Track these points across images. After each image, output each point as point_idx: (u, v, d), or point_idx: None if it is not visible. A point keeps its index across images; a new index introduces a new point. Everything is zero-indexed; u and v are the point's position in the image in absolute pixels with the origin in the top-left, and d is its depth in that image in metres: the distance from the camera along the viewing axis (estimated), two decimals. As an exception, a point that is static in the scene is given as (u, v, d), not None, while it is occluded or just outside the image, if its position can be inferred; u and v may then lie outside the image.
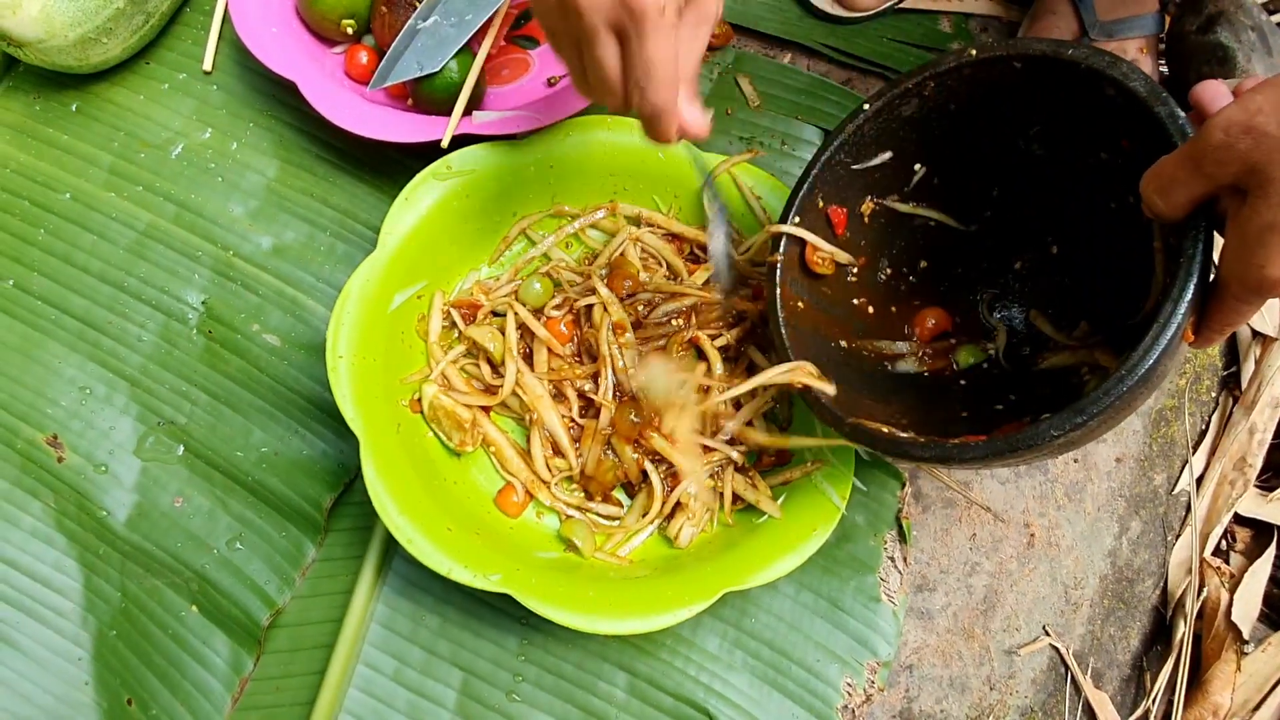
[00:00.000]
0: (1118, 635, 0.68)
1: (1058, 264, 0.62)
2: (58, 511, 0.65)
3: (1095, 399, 0.43)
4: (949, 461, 0.48)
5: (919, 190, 0.63)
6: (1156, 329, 0.43)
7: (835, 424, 0.54)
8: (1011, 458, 0.46)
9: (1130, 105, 0.48)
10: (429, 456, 0.63)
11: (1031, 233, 0.62)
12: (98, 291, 0.69)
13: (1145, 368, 0.43)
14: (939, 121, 0.58)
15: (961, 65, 0.54)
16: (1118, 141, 0.52)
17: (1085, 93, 0.51)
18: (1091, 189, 0.57)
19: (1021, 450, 0.45)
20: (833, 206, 0.61)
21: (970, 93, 0.56)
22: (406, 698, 0.62)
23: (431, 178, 0.64)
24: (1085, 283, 0.60)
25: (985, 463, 0.47)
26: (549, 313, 0.66)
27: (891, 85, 0.57)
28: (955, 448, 0.48)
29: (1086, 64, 0.49)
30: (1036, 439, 0.44)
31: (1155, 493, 0.71)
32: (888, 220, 0.63)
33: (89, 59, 0.69)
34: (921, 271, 0.65)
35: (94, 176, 0.71)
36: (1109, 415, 0.44)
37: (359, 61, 0.72)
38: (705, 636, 0.63)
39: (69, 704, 0.63)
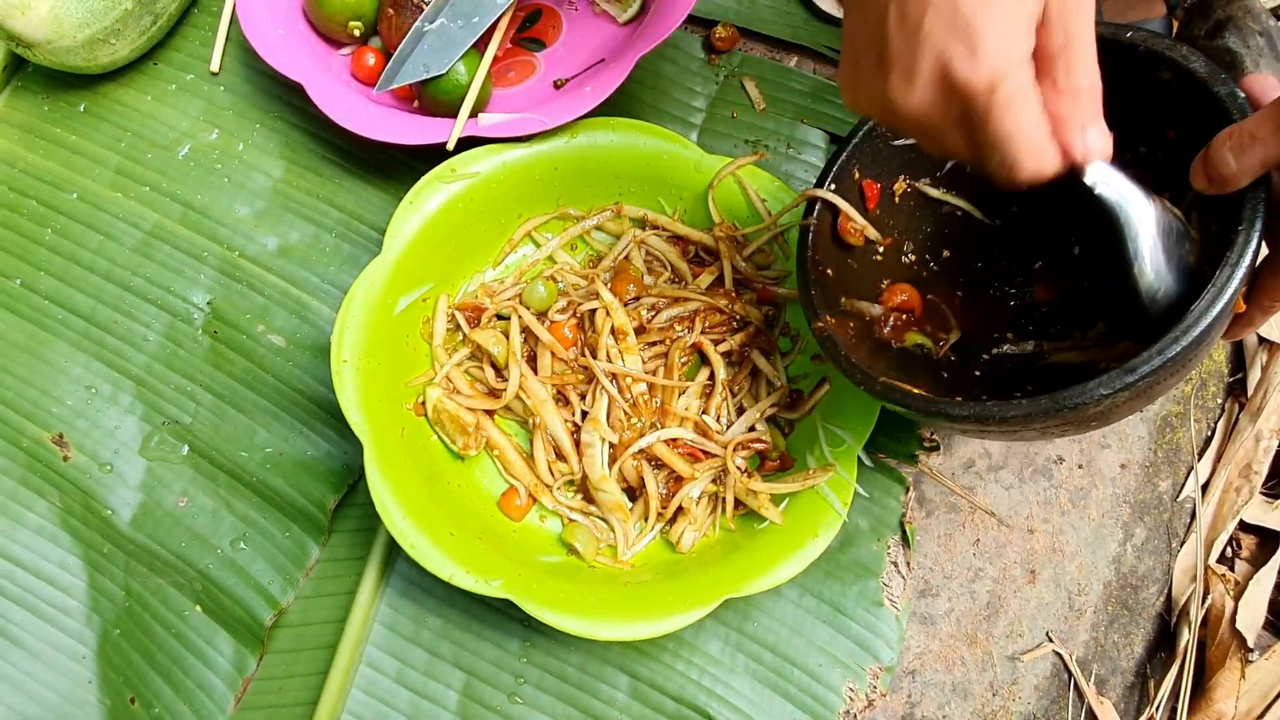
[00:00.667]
0: (1121, 642, 0.68)
1: (1078, 265, 0.61)
2: (63, 510, 0.66)
3: (1147, 358, 0.42)
4: (987, 422, 0.46)
5: (951, 176, 0.62)
6: (1213, 292, 0.42)
7: (865, 382, 0.51)
8: (1056, 419, 0.45)
9: (1187, 88, 0.47)
10: (432, 459, 0.63)
11: (1054, 232, 0.62)
12: (104, 291, 0.69)
13: (1199, 330, 0.42)
14: None
15: None
16: (1163, 132, 0.52)
17: (1138, 78, 0.50)
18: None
19: (1066, 410, 0.43)
20: (868, 180, 0.60)
21: None
22: (409, 699, 0.62)
23: (437, 180, 0.64)
24: (1105, 285, 0.60)
25: (1026, 424, 0.45)
26: (553, 316, 0.66)
27: None
28: (995, 407, 0.45)
29: (1145, 46, 0.49)
30: (1083, 397, 0.43)
31: (1160, 499, 0.70)
32: (916, 204, 0.62)
33: (97, 59, 0.69)
34: (943, 261, 0.64)
35: (101, 176, 0.72)
36: (1158, 378, 0.43)
37: (365, 63, 0.72)
38: (707, 640, 0.63)
39: (73, 702, 0.63)
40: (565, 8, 0.78)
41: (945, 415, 0.48)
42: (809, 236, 0.58)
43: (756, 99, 0.77)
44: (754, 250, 0.68)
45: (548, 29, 0.77)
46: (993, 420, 0.46)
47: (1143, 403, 0.46)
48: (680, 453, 0.62)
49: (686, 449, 0.63)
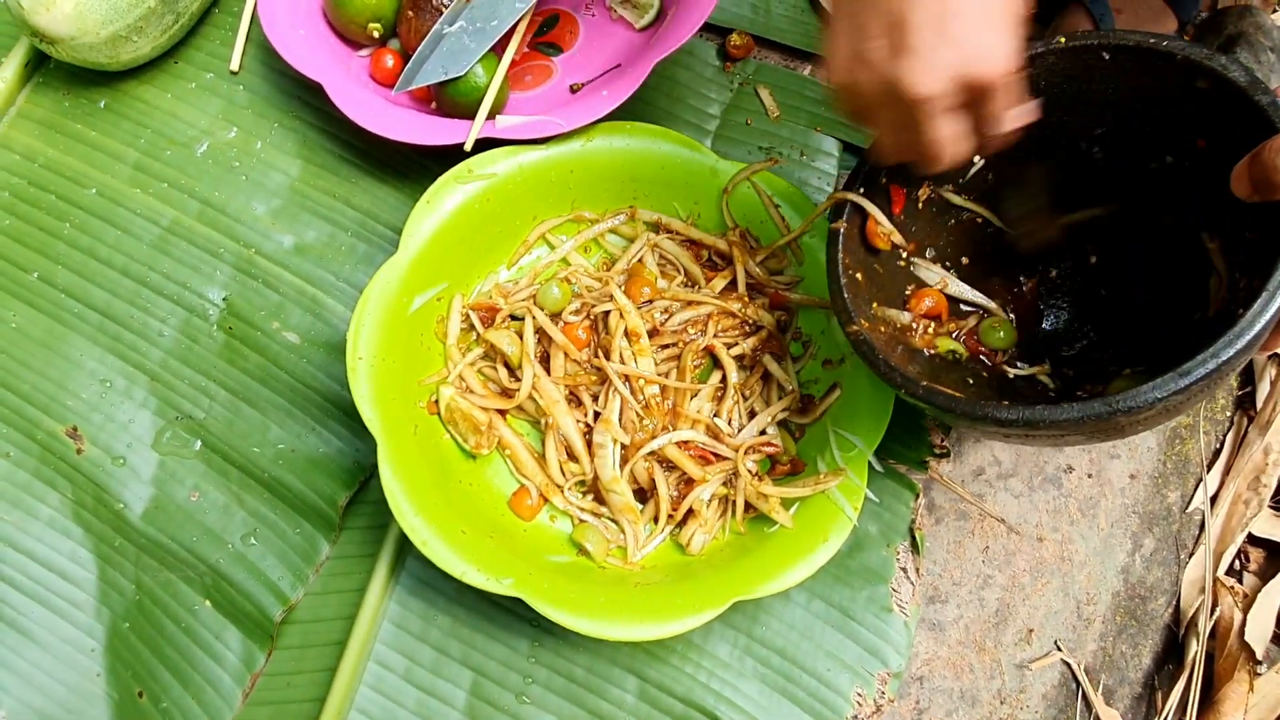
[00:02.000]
0: (1129, 653, 0.67)
1: (1095, 274, 0.62)
2: (75, 503, 0.66)
3: (1201, 362, 0.42)
4: (1035, 427, 0.46)
5: (972, 184, 0.62)
6: (1267, 295, 0.42)
7: (907, 386, 0.51)
8: (1107, 423, 0.44)
9: (1225, 97, 0.48)
10: (444, 458, 0.63)
11: (1072, 242, 0.62)
12: (120, 286, 0.70)
13: (1252, 334, 0.42)
14: None
15: (1049, 51, 0.53)
16: (1192, 141, 0.52)
17: (1173, 87, 0.51)
18: (1146, 196, 0.56)
19: (1119, 414, 0.43)
20: (895, 184, 0.60)
21: (1049, 82, 0.55)
22: (416, 697, 0.62)
23: (453, 181, 0.65)
24: (1122, 295, 0.60)
25: (1077, 428, 0.45)
26: (566, 318, 0.66)
27: None
28: (1044, 410, 0.45)
29: (1183, 55, 0.49)
30: (1137, 400, 0.43)
31: (1169, 510, 0.70)
32: (939, 210, 0.63)
33: (119, 57, 0.70)
34: (963, 268, 0.64)
35: (120, 172, 0.72)
36: (1211, 381, 0.43)
37: (384, 65, 0.73)
38: (716, 643, 0.63)
39: (80, 695, 0.63)
40: (582, 13, 0.78)
41: (993, 419, 0.47)
42: (839, 240, 0.58)
43: (771, 106, 0.78)
44: (767, 255, 0.68)
45: (564, 34, 0.78)
46: (1043, 424, 0.45)
47: (1187, 408, 0.46)
48: (692, 455, 0.62)
49: (698, 451, 0.63)
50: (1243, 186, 0.46)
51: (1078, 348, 0.63)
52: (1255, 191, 0.45)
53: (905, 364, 0.55)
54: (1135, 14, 0.79)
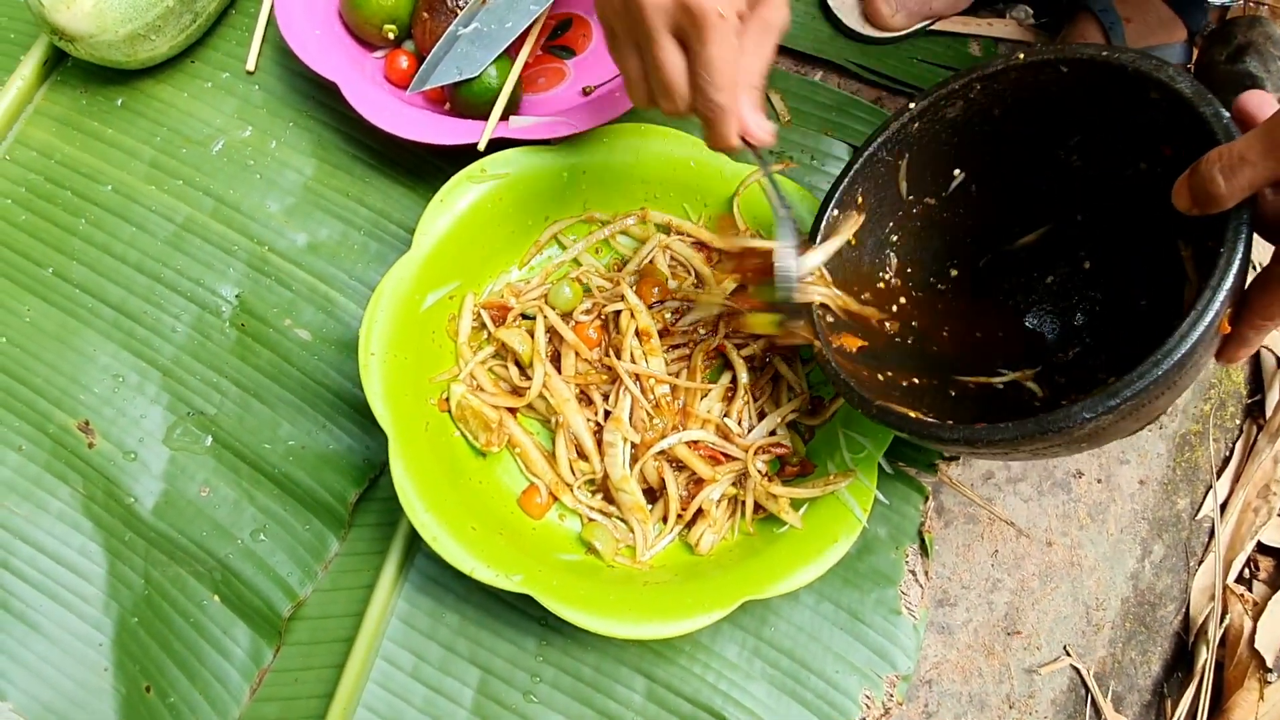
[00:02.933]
0: (1139, 659, 0.67)
1: (1090, 280, 0.62)
2: (86, 497, 0.66)
3: (1128, 382, 0.43)
4: (976, 444, 0.48)
5: (955, 196, 0.63)
6: (1194, 315, 0.43)
7: (862, 406, 0.53)
8: (1040, 442, 0.46)
9: (1175, 107, 0.48)
10: (455, 455, 0.63)
11: (1065, 247, 0.62)
12: (134, 282, 0.70)
13: (1180, 353, 0.42)
14: (982, 126, 0.59)
15: (1009, 68, 0.55)
16: (1159, 148, 0.52)
17: (1129, 97, 0.51)
18: (1129, 202, 0.57)
19: (1050, 433, 0.45)
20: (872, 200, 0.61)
21: (1015, 97, 0.56)
22: (424, 694, 0.62)
23: (467, 180, 0.65)
24: (1118, 299, 0.61)
25: (1013, 446, 0.47)
26: (578, 317, 0.67)
27: (939, 85, 0.58)
28: (983, 430, 0.47)
29: (1134, 67, 0.50)
30: (1066, 421, 0.44)
31: (1178, 517, 0.70)
32: (923, 224, 0.63)
33: (137, 55, 0.71)
34: (951, 280, 0.65)
35: (135, 170, 0.73)
36: (1140, 401, 0.43)
37: (399, 66, 0.73)
38: (724, 644, 0.63)
39: (88, 689, 0.63)
40: (595, 17, 0.79)
41: (936, 438, 0.50)
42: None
43: (781, 111, 0.78)
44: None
45: (578, 37, 0.78)
46: (981, 443, 0.47)
47: (1134, 423, 0.47)
48: (702, 455, 0.63)
49: (708, 451, 0.63)
50: (1183, 199, 0.46)
51: (1072, 354, 0.64)
52: (1194, 204, 0.45)
53: (874, 381, 0.56)
54: (1144, 23, 0.79)
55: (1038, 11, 0.86)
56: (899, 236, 0.63)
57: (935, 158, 0.61)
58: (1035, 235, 0.63)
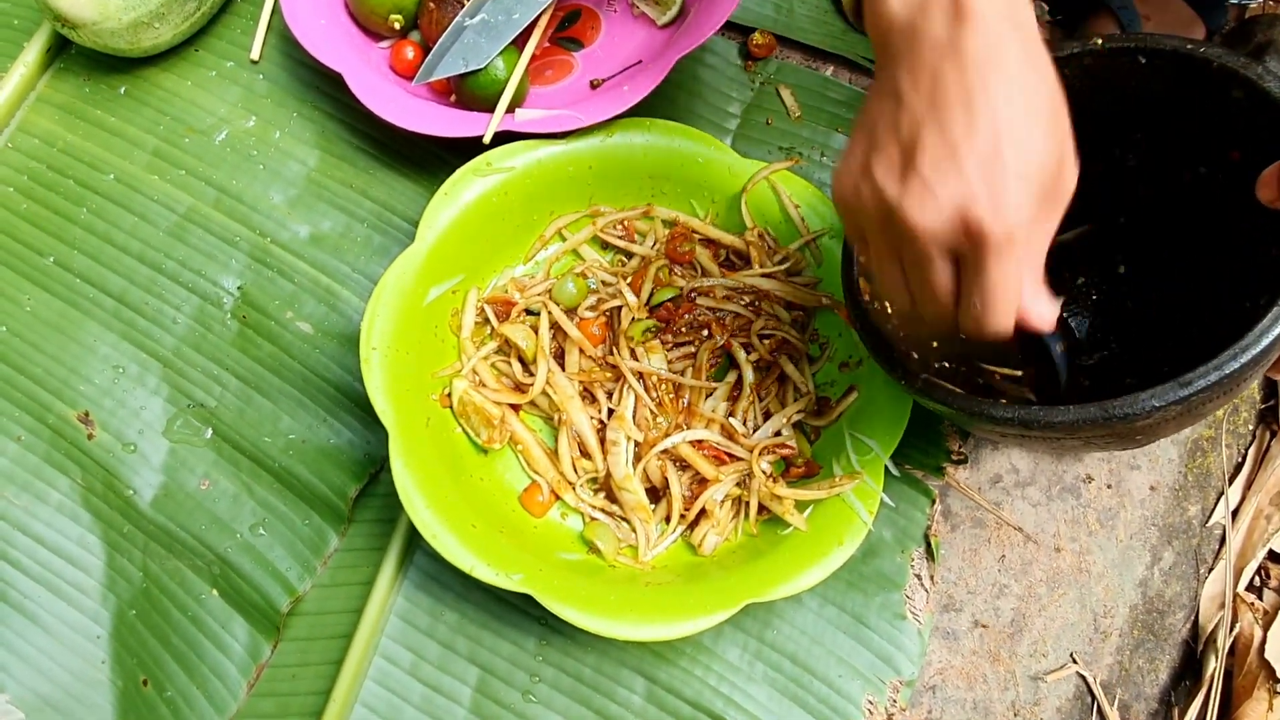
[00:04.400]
0: (1146, 668, 0.66)
1: (1124, 285, 0.60)
2: (85, 488, 0.66)
3: (1203, 373, 0.41)
4: (1031, 426, 0.45)
5: None
6: (1276, 312, 0.41)
7: (906, 378, 0.50)
8: (1103, 428, 0.43)
9: (1260, 107, 0.47)
10: (456, 452, 0.63)
11: (1102, 250, 0.61)
12: (136, 272, 0.70)
13: (1260, 348, 0.41)
14: None
15: (1084, 53, 0.52)
16: (1226, 153, 0.51)
17: (1208, 95, 0.49)
18: (1180, 208, 0.55)
19: (1115, 420, 0.42)
20: None
21: (1084, 86, 0.53)
22: (422, 692, 0.61)
23: (472, 173, 0.64)
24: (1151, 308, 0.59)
25: (1070, 431, 0.44)
26: (582, 313, 0.66)
27: None
28: (1041, 411, 0.44)
29: (1219, 63, 0.48)
30: (1134, 408, 0.42)
31: (1189, 524, 0.69)
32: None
33: (140, 43, 0.70)
34: None
35: (138, 159, 0.72)
36: (1211, 395, 0.42)
37: (404, 56, 0.73)
38: (726, 647, 0.62)
39: (85, 681, 0.63)
40: (605, 9, 0.78)
41: (988, 417, 0.46)
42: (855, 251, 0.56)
43: (792, 106, 0.77)
44: (785, 255, 0.67)
45: (586, 29, 0.77)
46: (1037, 425, 0.45)
47: (1191, 420, 0.45)
48: (706, 454, 0.62)
49: (712, 451, 0.62)
50: (1270, 191, 0.44)
51: (1097, 358, 0.62)
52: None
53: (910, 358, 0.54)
54: (1163, 21, 0.78)
55: (1053, 8, 0.84)
56: None
57: None
58: (1074, 234, 0.61)
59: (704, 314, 0.65)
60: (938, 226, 0.39)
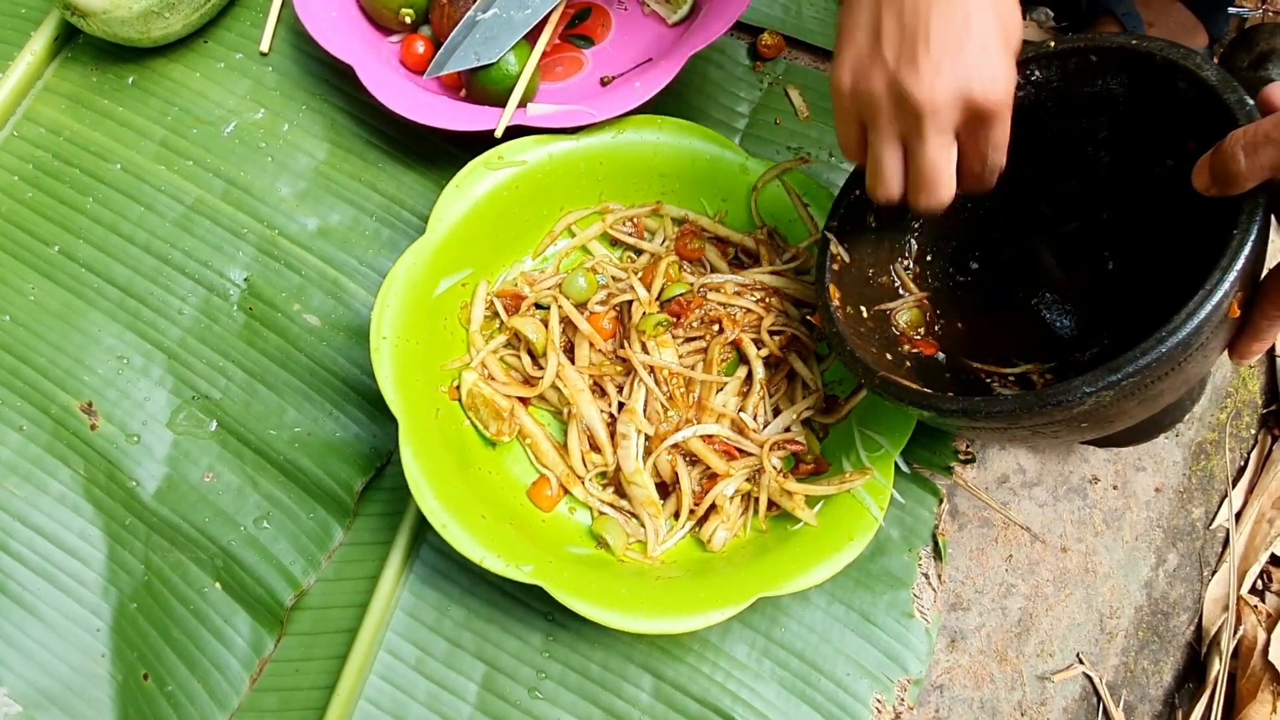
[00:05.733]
0: (1151, 669, 0.66)
1: (1112, 280, 0.61)
2: (87, 479, 0.65)
3: (1130, 358, 0.42)
4: (975, 416, 0.47)
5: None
6: (1202, 294, 0.42)
7: (865, 375, 0.53)
8: (1040, 417, 0.45)
9: (1201, 96, 0.48)
10: (465, 444, 0.62)
11: (1088, 246, 0.61)
12: (142, 262, 0.69)
13: (1185, 332, 0.42)
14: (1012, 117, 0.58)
15: (1040, 56, 0.54)
16: (1184, 145, 0.52)
17: (1157, 88, 0.51)
18: (1155, 201, 0.56)
19: (1050, 407, 0.44)
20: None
21: (1043, 89, 0.55)
22: (427, 688, 0.61)
23: (483, 166, 0.64)
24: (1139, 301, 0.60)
25: (1011, 420, 0.46)
26: (592, 308, 0.66)
27: None
28: (982, 402, 0.47)
29: (1161, 55, 0.49)
30: (1066, 395, 0.43)
31: (1193, 526, 0.69)
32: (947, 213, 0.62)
33: (150, 33, 0.70)
34: (971, 273, 0.64)
35: (145, 149, 0.72)
36: (1143, 380, 0.43)
37: (415, 51, 0.72)
38: (734, 644, 0.62)
39: (84, 675, 0.62)
40: (615, 7, 0.78)
41: (935, 409, 0.49)
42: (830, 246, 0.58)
43: (800, 107, 0.77)
44: (794, 254, 0.68)
45: (597, 27, 0.77)
46: (979, 415, 0.47)
47: (1138, 408, 0.46)
48: (716, 449, 0.62)
49: (722, 446, 0.62)
50: (1202, 178, 0.45)
51: (1090, 355, 0.63)
52: (1213, 183, 0.44)
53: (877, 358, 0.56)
54: (1166, 27, 0.79)
55: (1058, 14, 0.85)
56: (920, 223, 0.62)
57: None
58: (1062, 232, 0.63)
59: (715, 309, 0.65)
60: (948, 100, 0.44)
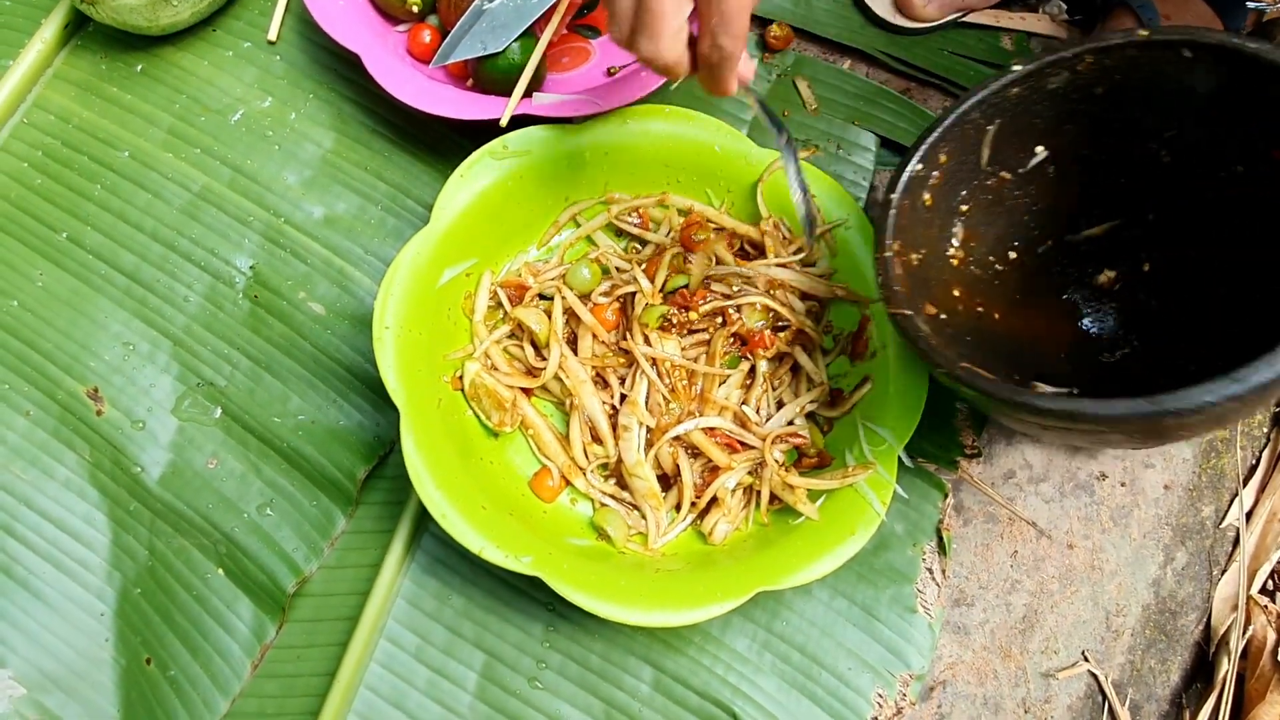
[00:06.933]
0: (1158, 668, 0.66)
1: (1147, 283, 0.60)
2: (92, 465, 0.65)
3: (1256, 369, 0.40)
4: (1078, 419, 0.44)
5: (1031, 175, 0.60)
6: None
7: (946, 365, 0.49)
8: (1151, 424, 0.42)
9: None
10: (467, 434, 0.62)
11: (1127, 246, 0.60)
12: (149, 250, 0.69)
13: None
14: (1079, 103, 0.55)
15: (1128, 44, 0.52)
16: (1268, 151, 0.50)
17: (1251, 91, 0.49)
18: (1213, 206, 0.54)
19: (1168, 415, 0.41)
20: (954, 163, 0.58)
21: (1124, 77, 0.53)
22: (427, 676, 0.61)
23: (488, 156, 0.64)
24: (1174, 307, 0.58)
25: (1117, 425, 0.43)
26: (596, 299, 0.65)
27: (1048, 51, 0.54)
28: (1090, 404, 0.43)
29: (1267, 58, 0.47)
30: (1186, 402, 0.41)
31: (1202, 524, 0.69)
32: (994, 198, 0.61)
33: (159, 20, 0.70)
34: (1009, 263, 0.63)
35: (153, 136, 0.72)
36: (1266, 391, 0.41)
37: (421, 40, 0.72)
38: (734, 636, 0.62)
39: (88, 659, 0.62)
40: (622, -2, 0.78)
41: (1031, 408, 0.45)
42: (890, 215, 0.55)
43: (808, 99, 0.77)
44: (800, 246, 0.67)
45: (604, 16, 0.77)
46: (1085, 418, 0.43)
47: (1236, 417, 0.44)
48: (718, 442, 0.61)
49: (724, 439, 0.62)
50: None
51: (1119, 356, 0.62)
52: None
53: (947, 347, 0.53)
54: (1182, 20, 0.78)
55: (1071, 7, 0.84)
56: (969, 207, 0.60)
57: (1023, 130, 0.57)
58: (1101, 229, 0.61)
59: (718, 301, 0.64)
60: None
